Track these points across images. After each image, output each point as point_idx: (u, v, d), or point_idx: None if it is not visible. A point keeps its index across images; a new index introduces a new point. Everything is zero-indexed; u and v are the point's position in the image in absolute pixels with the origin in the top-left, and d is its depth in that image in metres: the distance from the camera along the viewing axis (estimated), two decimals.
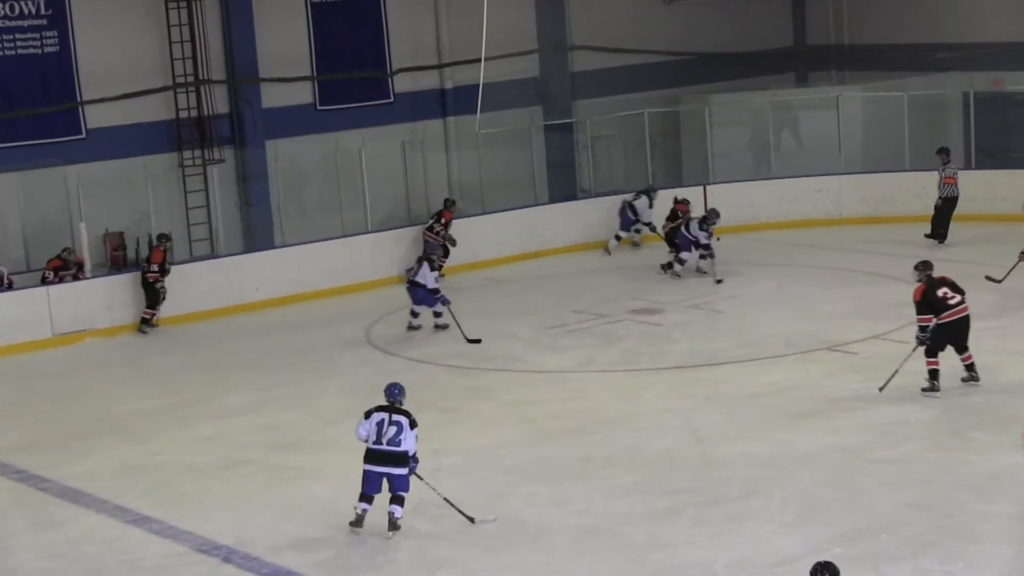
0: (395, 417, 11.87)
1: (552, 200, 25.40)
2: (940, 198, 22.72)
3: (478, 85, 22.41)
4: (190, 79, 22.56)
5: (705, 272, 21.36)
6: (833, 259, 22.02)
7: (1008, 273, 18.68)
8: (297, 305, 21.32)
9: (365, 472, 11.95)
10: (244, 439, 15.08)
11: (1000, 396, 14.62)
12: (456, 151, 25.64)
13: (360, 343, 18.97)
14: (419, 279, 18.79)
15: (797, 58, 30.17)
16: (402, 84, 25.13)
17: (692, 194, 23.52)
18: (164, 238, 20.72)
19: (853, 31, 29.53)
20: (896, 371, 14.92)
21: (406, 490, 11.89)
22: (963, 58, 27.03)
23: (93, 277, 20.71)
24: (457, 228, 22.86)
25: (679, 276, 21.37)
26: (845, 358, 16.64)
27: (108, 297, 20.34)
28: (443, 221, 22.59)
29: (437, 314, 19.00)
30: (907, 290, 15.20)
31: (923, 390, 14.71)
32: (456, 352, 18.04)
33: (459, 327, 18.48)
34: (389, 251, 22.59)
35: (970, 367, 14.89)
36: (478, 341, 18.21)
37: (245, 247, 22.98)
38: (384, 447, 11.80)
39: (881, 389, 14.87)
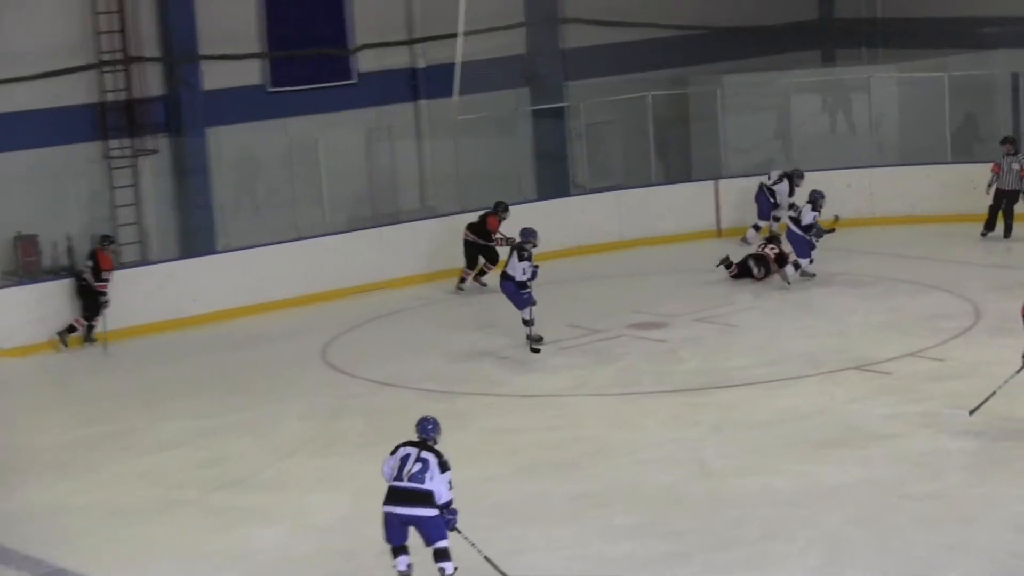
0: (423, 454, 11.65)
1: (541, 197, 25.48)
2: (1007, 191, 23.03)
3: (454, 64, 22.51)
4: (118, 56, 22.56)
5: (811, 274, 21.39)
6: (865, 264, 22.11)
7: None
8: (243, 319, 21.36)
9: (384, 515, 11.67)
10: (182, 475, 15.09)
11: None
12: (429, 140, 25.70)
13: (316, 363, 19.01)
14: (509, 270, 18.79)
15: (823, 34, 30.31)
16: (367, 63, 25.19)
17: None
18: (108, 240, 20.78)
19: (887, 3, 29.67)
20: (993, 393, 14.90)
21: (443, 537, 11.48)
22: (1012, 34, 27.17)
23: (3, 287, 20.70)
24: (429, 229, 22.91)
25: (788, 284, 21.25)
26: (876, 379, 16.72)
27: (22, 311, 20.33)
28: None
29: (526, 322, 18.78)
30: (948, 301, 15.23)
31: None
32: (427, 372, 18.09)
33: (529, 331, 18.58)
34: (351, 256, 22.62)
35: None
36: (538, 350, 18.43)
37: (182, 252, 23.00)
38: (405, 484, 11.54)
39: (972, 413, 14.88)
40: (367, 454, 14.23)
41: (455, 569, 11.49)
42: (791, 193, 23.59)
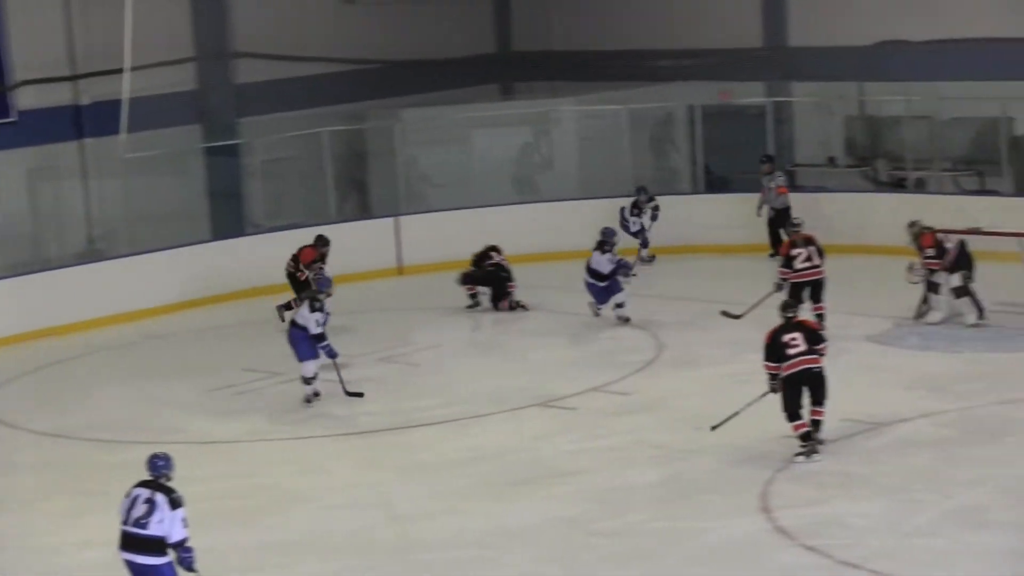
0: (152, 495, 11.43)
1: (216, 236, 25.22)
2: (773, 209, 23.85)
3: (121, 100, 22.17)
4: None
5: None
6: (552, 300, 22.50)
7: (750, 309, 19.43)
8: None
9: (124, 561, 11.50)
10: None
11: (731, 453, 15.16)
12: (96, 179, 25.22)
13: None
14: (299, 320, 17.97)
15: (502, 67, 30.78)
16: (27, 100, 24.60)
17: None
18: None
19: (565, 36, 30.29)
20: (736, 413, 15.27)
21: None
22: (687, 67, 28.09)
23: None
24: (93, 274, 22.51)
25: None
26: (562, 415, 17.04)
27: None
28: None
29: (306, 379, 18.06)
30: (631, 335, 15.61)
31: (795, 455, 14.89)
32: (95, 422, 17.75)
33: (341, 381, 18.03)
34: (15, 303, 22.03)
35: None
36: (360, 395, 17.91)
37: None
38: (131, 529, 11.37)
39: (714, 428, 15.28)
40: (39, 509, 13.89)
41: None
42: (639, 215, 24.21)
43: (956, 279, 19.14)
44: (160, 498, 11.41)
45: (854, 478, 14.39)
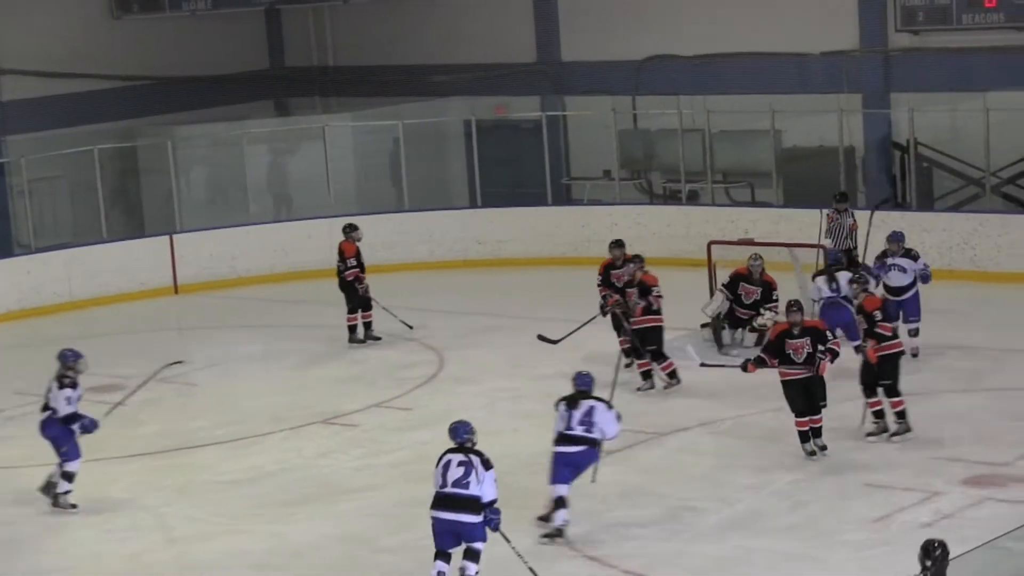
0: (465, 457, 12.05)
1: None
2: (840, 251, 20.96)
3: None
4: None
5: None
6: (329, 316, 22.36)
7: (569, 335, 18.73)
8: None
9: (432, 520, 12.02)
10: None
11: (514, 466, 15.11)
12: None
13: None
14: (51, 401, 15.30)
15: (275, 83, 30.61)
16: None
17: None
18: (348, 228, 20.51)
19: (339, 51, 30.24)
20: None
21: (482, 539, 11.96)
22: (462, 82, 28.20)
23: None
24: None
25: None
26: (343, 432, 16.96)
27: None
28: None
29: None
30: (413, 350, 15.50)
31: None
32: None
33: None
34: None
35: None
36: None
37: None
38: (449, 490, 11.97)
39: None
40: None
41: (477, 573, 11.77)
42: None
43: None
44: (475, 459, 12.07)
45: (634, 488, 14.54)
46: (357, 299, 20.45)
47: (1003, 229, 22.38)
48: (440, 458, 12.19)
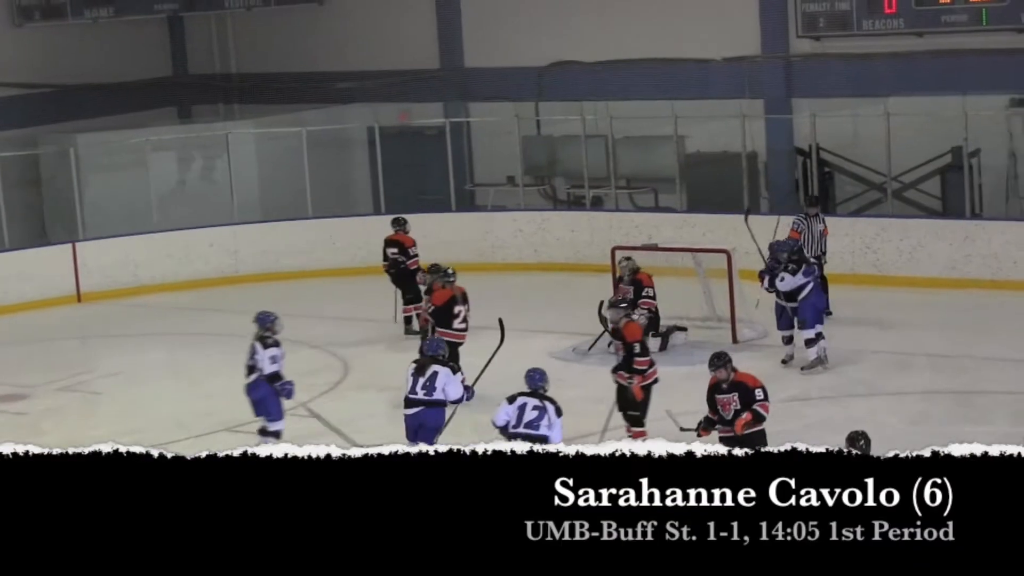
0: (540, 402, 12.86)
1: None
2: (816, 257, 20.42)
3: None
4: None
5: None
6: (233, 323, 22.24)
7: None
8: None
9: None
10: None
11: None
12: None
13: None
14: (257, 363, 15.78)
15: (178, 90, 30.47)
16: None
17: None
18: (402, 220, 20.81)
19: (242, 59, 30.15)
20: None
21: None
22: (365, 88, 28.18)
23: None
24: None
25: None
26: (248, 440, 16.80)
27: None
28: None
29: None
30: (318, 357, 15.39)
31: None
32: None
33: None
34: None
35: None
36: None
37: None
38: (521, 430, 12.63)
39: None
40: None
41: None
42: None
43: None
44: (549, 405, 12.90)
45: None
46: (416, 291, 20.35)
47: (904, 233, 22.65)
48: (513, 398, 12.98)
